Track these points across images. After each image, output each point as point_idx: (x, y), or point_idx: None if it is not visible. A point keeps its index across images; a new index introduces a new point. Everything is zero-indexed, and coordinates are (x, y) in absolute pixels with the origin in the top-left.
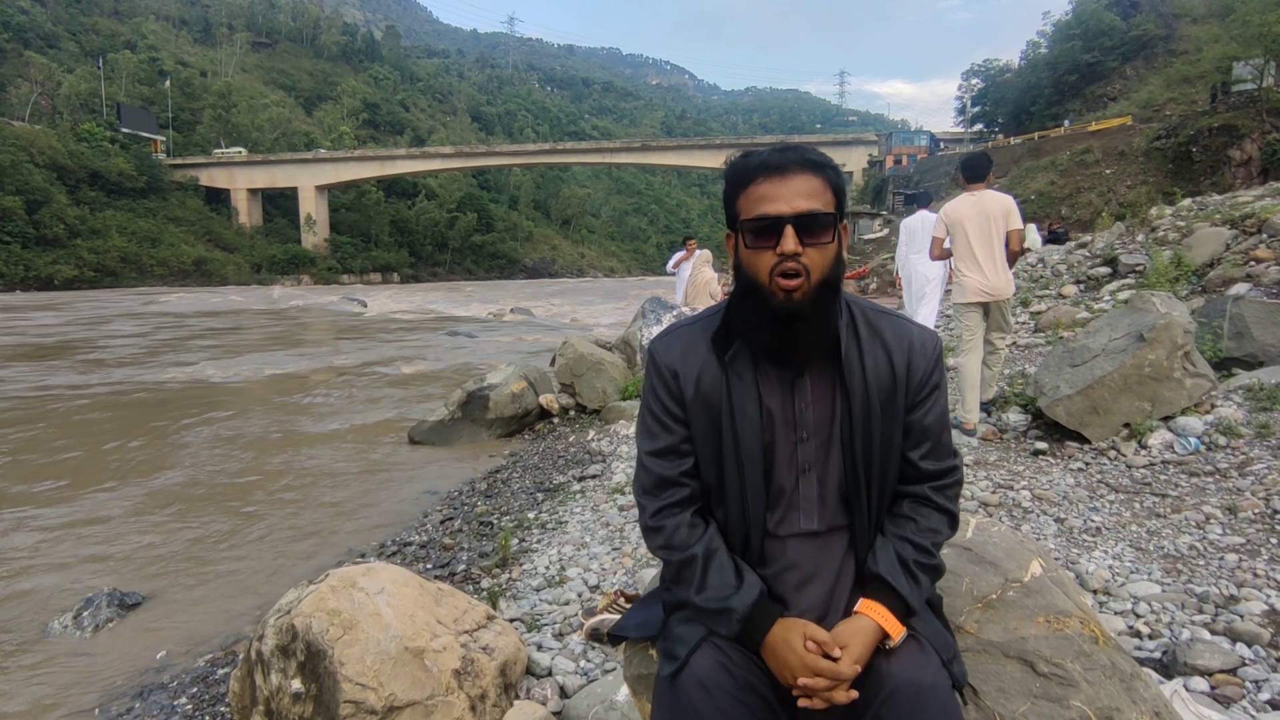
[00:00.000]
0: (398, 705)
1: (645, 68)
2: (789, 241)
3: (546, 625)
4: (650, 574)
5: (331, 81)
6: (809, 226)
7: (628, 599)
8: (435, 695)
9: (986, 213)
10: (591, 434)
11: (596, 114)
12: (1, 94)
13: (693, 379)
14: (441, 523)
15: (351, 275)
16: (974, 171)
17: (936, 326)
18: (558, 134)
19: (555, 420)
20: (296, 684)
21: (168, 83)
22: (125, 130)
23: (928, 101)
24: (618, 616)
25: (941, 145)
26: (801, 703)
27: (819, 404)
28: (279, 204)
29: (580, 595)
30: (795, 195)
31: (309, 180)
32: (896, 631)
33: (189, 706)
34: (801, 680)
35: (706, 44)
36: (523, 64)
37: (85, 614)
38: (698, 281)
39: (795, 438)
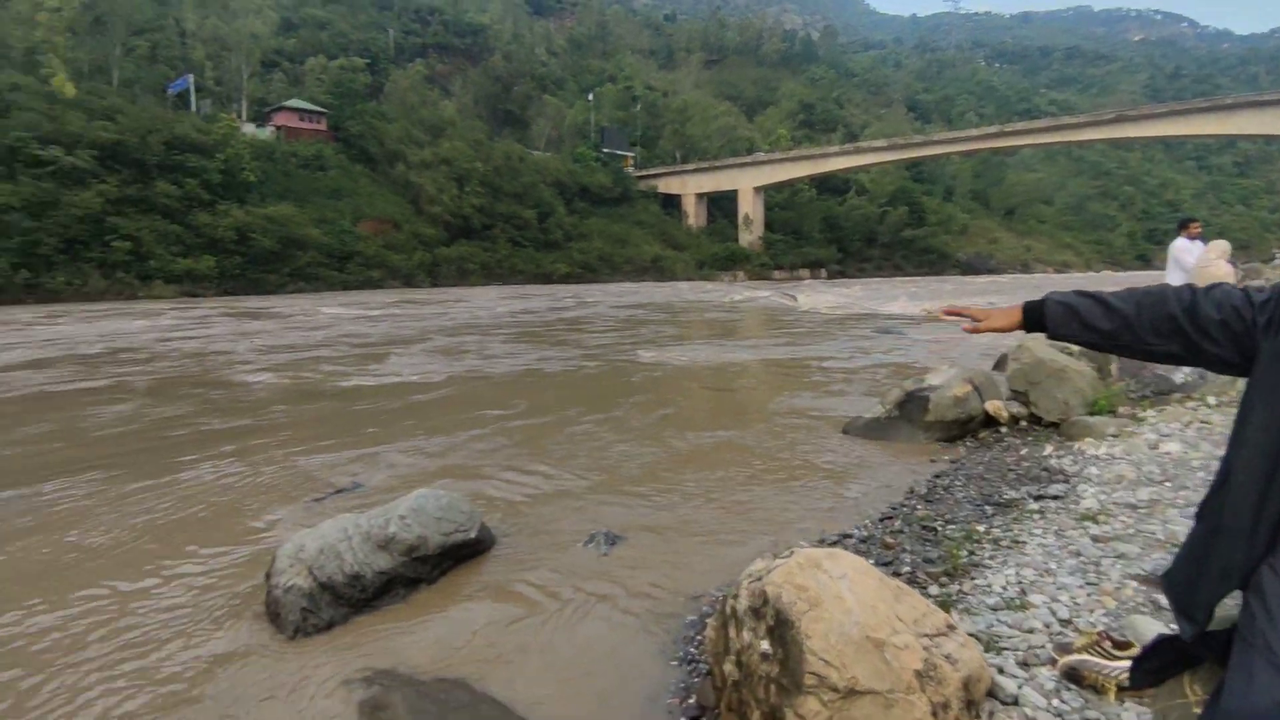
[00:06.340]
0: (858, 690)
1: (1124, 22)
2: None
3: (1008, 650)
4: (1142, 621)
5: (771, 87)
6: None
7: (1116, 645)
8: (896, 690)
9: None
10: (1049, 449)
11: (1055, 85)
12: (528, 131)
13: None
14: (880, 520)
15: (782, 271)
16: None
17: None
18: (1005, 114)
19: (1003, 429)
20: (765, 645)
21: (638, 106)
22: (605, 150)
23: None
24: (1100, 660)
25: None
26: None
27: None
28: (721, 206)
29: (1048, 625)
30: None
31: (747, 182)
32: None
33: (666, 639)
34: None
35: None
36: (967, 42)
37: (590, 544)
38: (1207, 277)
39: None
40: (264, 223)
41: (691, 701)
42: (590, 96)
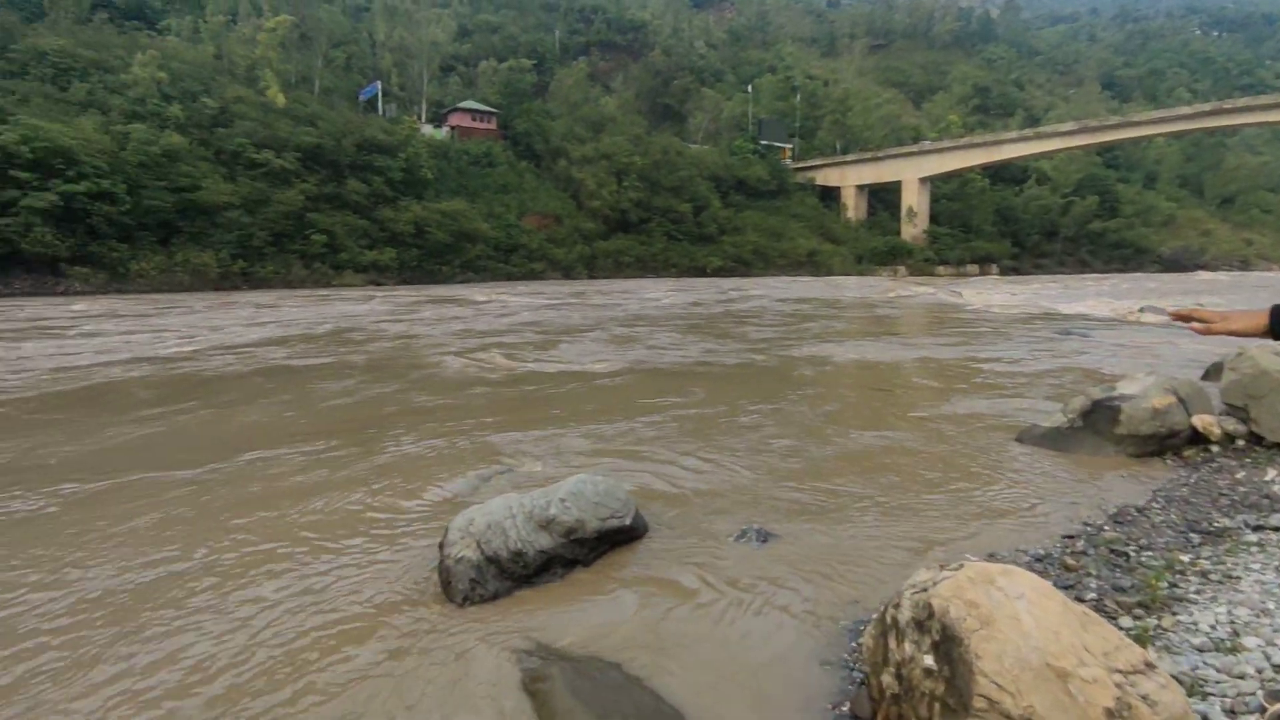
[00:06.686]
0: None
1: None
2: None
3: (1214, 696)
4: None
5: (942, 71)
6: None
7: None
8: None
9: None
10: (1272, 474)
11: None
12: (685, 124)
13: None
14: (1062, 538)
15: (947, 266)
16: None
17: None
18: (1223, 89)
19: (1214, 448)
20: (929, 660)
21: (797, 97)
22: (763, 141)
23: None
24: None
25: None
26: None
27: None
28: (882, 198)
29: (1260, 671)
30: None
31: (912, 173)
32: None
33: (820, 642)
34: None
35: None
36: (1179, 9)
37: (742, 539)
38: None
39: None
40: (439, 217)
41: (845, 709)
42: (749, 88)
